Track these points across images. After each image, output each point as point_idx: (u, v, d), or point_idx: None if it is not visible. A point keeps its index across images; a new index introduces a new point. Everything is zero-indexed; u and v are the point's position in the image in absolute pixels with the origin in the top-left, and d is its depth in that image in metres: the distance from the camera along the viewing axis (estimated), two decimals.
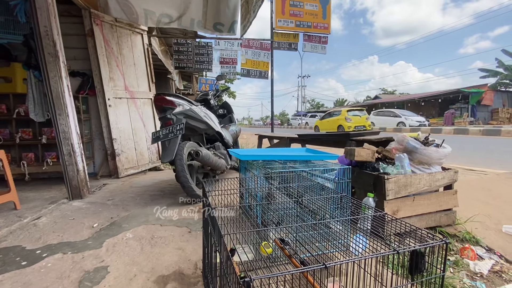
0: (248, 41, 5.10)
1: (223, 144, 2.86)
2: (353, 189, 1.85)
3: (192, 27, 3.59)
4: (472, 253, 1.54)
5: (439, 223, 1.79)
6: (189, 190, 2.16)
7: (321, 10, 5.27)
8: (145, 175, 3.74)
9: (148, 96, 4.01)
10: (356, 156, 1.75)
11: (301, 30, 5.25)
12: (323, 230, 1.36)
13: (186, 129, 2.37)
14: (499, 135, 9.97)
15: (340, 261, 0.57)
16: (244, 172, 1.89)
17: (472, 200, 2.23)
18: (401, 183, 1.62)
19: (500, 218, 1.96)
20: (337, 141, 2.78)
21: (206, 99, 3.19)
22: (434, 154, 1.74)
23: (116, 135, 3.48)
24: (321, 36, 5.42)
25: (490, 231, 1.81)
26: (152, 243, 1.65)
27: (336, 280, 1.04)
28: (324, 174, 1.70)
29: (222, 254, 0.59)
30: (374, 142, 2.10)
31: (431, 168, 1.78)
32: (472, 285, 1.31)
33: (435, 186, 1.75)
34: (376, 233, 0.96)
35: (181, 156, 2.13)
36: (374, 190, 1.65)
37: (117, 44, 3.58)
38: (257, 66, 5.22)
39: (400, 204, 1.65)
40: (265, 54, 5.22)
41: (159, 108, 2.33)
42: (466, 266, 1.46)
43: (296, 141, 3.71)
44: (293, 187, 1.47)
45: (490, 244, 1.66)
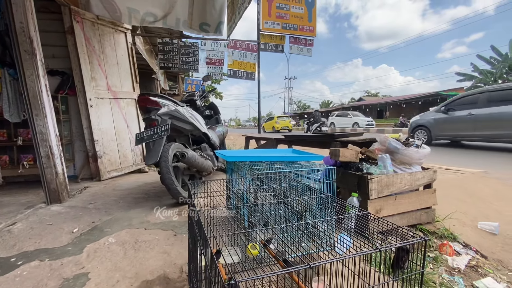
0: (235, 42, 5.10)
1: (209, 146, 2.84)
2: (338, 189, 1.89)
3: (178, 27, 3.54)
4: (450, 249, 1.61)
5: (419, 221, 1.86)
6: (174, 192, 2.12)
7: (306, 13, 5.35)
8: (129, 178, 3.64)
9: (132, 96, 3.91)
10: (341, 157, 1.78)
11: (287, 32, 5.31)
12: (309, 230, 1.37)
13: (172, 130, 2.33)
14: None
15: (324, 260, 0.57)
16: (230, 173, 1.88)
17: (449, 198, 2.33)
18: (383, 182, 1.67)
19: (476, 215, 2.06)
20: (322, 142, 2.82)
21: (192, 100, 3.15)
22: (415, 154, 1.81)
23: (98, 136, 3.37)
24: (307, 38, 5.50)
25: (467, 227, 1.89)
26: (136, 248, 1.60)
27: (322, 279, 1.05)
28: (310, 174, 1.72)
29: (208, 257, 0.58)
30: (358, 143, 2.15)
31: (411, 168, 1.85)
32: (451, 280, 1.37)
33: (415, 185, 1.82)
34: (360, 232, 0.99)
35: (166, 158, 2.09)
36: (358, 190, 1.69)
37: (99, 42, 3.47)
38: (244, 67, 5.22)
39: (383, 203, 1.70)
40: (252, 55, 5.24)
41: (143, 109, 2.28)
42: (444, 262, 1.53)
43: (282, 142, 3.74)
44: (280, 187, 1.48)
45: (466, 240, 1.74)
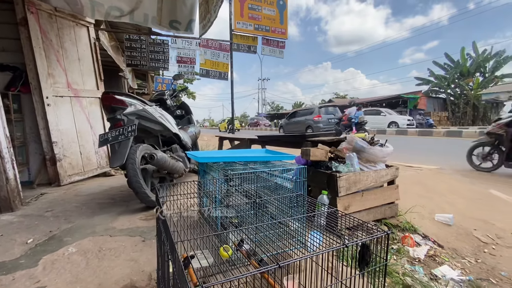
0: (207, 41, 5.01)
1: (181, 147, 2.75)
2: (309, 188, 1.94)
3: (146, 23, 3.39)
4: (411, 240, 1.73)
5: (384, 215, 1.97)
6: (143, 196, 2.02)
7: (278, 15, 5.43)
8: (93, 182, 3.41)
9: (95, 94, 3.67)
10: (311, 156, 1.83)
11: (260, 33, 5.34)
12: (281, 229, 1.39)
13: (139, 131, 2.22)
14: (431, 135, 11.45)
15: (293, 259, 0.58)
16: (203, 175, 1.84)
17: (410, 193, 2.51)
18: (351, 180, 1.75)
19: (433, 208, 2.24)
20: (294, 142, 2.88)
21: (162, 99, 3.04)
22: (379, 153, 1.91)
23: (57, 137, 3.11)
24: (279, 40, 5.58)
25: (426, 220, 2.05)
26: (99, 256, 1.50)
27: (294, 277, 1.07)
28: (283, 174, 1.74)
29: (175, 263, 0.56)
30: (328, 143, 2.23)
31: (376, 166, 1.95)
32: (412, 269, 1.47)
33: (380, 182, 1.92)
34: (330, 228, 1.02)
35: (134, 160, 1.99)
36: (328, 188, 1.75)
37: (58, 36, 3.21)
38: (216, 67, 5.15)
39: (351, 199, 1.78)
40: (225, 55, 5.19)
41: (108, 108, 2.14)
42: (406, 253, 1.63)
43: (256, 143, 3.75)
44: (253, 188, 1.48)
45: (425, 231, 1.88)
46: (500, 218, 2.15)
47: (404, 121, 15.11)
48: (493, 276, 1.47)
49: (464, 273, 1.48)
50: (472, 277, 1.43)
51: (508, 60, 19.47)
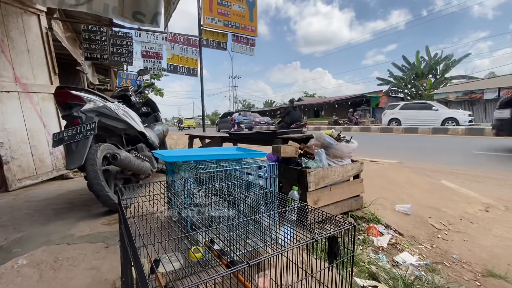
0: (174, 35, 4.82)
1: (147, 146, 2.62)
2: (281, 184, 1.96)
3: (107, 14, 3.15)
4: (375, 230, 1.84)
5: (350, 208, 2.07)
6: (105, 199, 1.89)
7: (248, 12, 5.41)
8: (48, 186, 3.10)
9: (49, 90, 3.34)
10: (282, 153, 1.85)
11: (230, 30, 5.28)
12: (253, 227, 1.38)
13: (100, 129, 2.07)
14: (392, 132, 12.34)
15: (264, 256, 0.57)
16: (171, 174, 1.76)
17: (373, 186, 2.66)
18: (320, 175, 1.80)
19: (394, 199, 2.40)
20: (266, 139, 2.90)
21: (125, 96, 2.86)
22: (345, 148, 2.00)
23: (3, 138, 2.77)
24: (249, 38, 5.57)
25: (387, 210, 2.19)
26: (55, 267, 1.36)
27: (266, 274, 1.07)
28: (255, 171, 1.74)
29: (138, 269, 0.52)
30: (298, 140, 2.27)
31: (343, 161, 2.04)
32: (376, 258, 1.56)
33: (346, 176, 2.01)
34: (301, 223, 1.03)
35: (94, 161, 1.84)
36: (298, 183, 1.79)
37: (2, 24, 2.85)
38: (185, 62, 4.99)
39: (320, 194, 1.83)
40: (193, 50, 5.04)
41: (62, 105, 1.95)
42: (371, 243, 1.73)
43: (228, 140, 3.71)
44: (224, 186, 1.45)
45: (387, 221, 2.01)
46: (451, 205, 2.38)
47: (464, 117, 11.54)
48: (446, 259, 1.62)
49: (421, 258, 1.60)
50: (428, 261, 1.56)
51: (456, 63, 21.67)
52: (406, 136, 10.23)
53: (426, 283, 1.30)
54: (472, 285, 1.39)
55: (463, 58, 21.87)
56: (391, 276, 1.30)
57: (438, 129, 11.02)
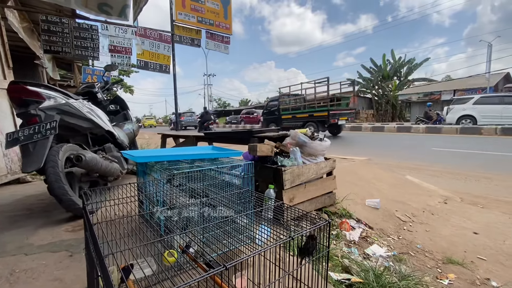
0: (145, 30, 4.61)
1: (116, 146, 2.47)
2: (257, 183, 1.96)
3: (69, 4, 2.92)
4: (347, 225, 1.91)
5: (324, 204, 2.13)
6: (68, 204, 1.75)
7: (222, 10, 5.35)
8: (3, 191, 2.81)
9: (2, 85, 3.02)
10: (258, 152, 1.85)
11: (203, 26, 5.17)
12: (230, 227, 1.36)
13: (62, 129, 1.91)
14: (360, 130, 12.97)
15: (240, 258, 0.56)
16: (142, 176, 1.68)
17: (345, 182, 2.77)
18: (295, 173, 1.83)
19: (364, 195, 2.52)
20: (242, 138, 2.88)
21: (91, 92, 2.67)
22: (319, 146, 2.05)
23: None
24: (223, 35, 5.50)
25: (358, 205, 2.29)
26: (11, 281, 1.24)
27: (243, 274, 1.06)
28: (231, 170, 1.72)
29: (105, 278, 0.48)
30: (273, 138, 2.29)
31: (317, 159, 2.09)
32: (349, 251, 1.62)
33: (320, 173, 2.07)
34: (277, 221, 1.04)
35: (55, 163, 1.69)
36: (274, 182, 1.80)
37: None
38: (156, 58, 4.79)
39: (295, 192, 1.86)
40: (166, 46, 4.86)
41: (17, 102, 1.77)
42: (344, 237, 1.80)
43: (203, 140, 3.63)
44: (199, 187, 1.42)
45: (358, 216, 2.10)
46: (415, 199, 2.55)
47: None
48: (411, 249, 1.73)
49: (389, 249, 1.70)
50: (395, 252, 1.65)
51: (417, 66, 23.32)
52: (373, 134, 10.79)
53: (394, 273, 1.37)
54: (434, 272, 1.50)
55: (424, 62, 23.62)
56: (362, 269, 1.36)
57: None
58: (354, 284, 1.25)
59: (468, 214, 2.27)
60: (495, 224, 2.06)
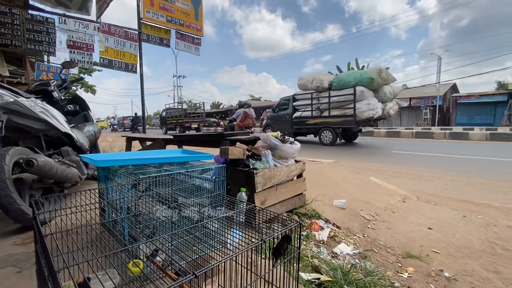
0: (109, 26, 4.35)
1: (74, 149, 2.28)
2: (229, 186, 1.94)
3: None
4: (316, 226, 1.97)
5: (294, 206, 2.17)
6: (17, 214, 1.56)
7: (193, 10, 5.25)
8: None
9: None
10: (230, 155, 1.83)
11: (173, 26, 5.03)
12: (200, 232, 1.32)
13: (10, 130, 1.71)
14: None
15: (211, 265, 0.54)
16: (104, 181, 1.57)
17: (314, 184, 2.86)
18: (267, 176, 1.84)
19: (332, 196, 2.62)
20: (213, 141, 2.84)
21: (45, 91, 2.44)
22: (289, 149, 2.09)
23: None
24: (194, 37, 5.40)
25: (327, 206, 2.37)
26: None
27: (214, 280, 1.03)
28: (202, 174, 1.67)
29: None
30: (245, 141, 2.29)
31: (287, 161, 2.13)
32: (318, 251, 1.67)
33: (291, 175, 2.11)
34: (249, 224, 1.03)
35: (1, 168, 1.51)
36: (246, 185, 1.79)
37: None
38: (122, 57, 4.54)
39: (267, 194, 1.88)
40: (132, 45, 4.63)
41: None
42: (313, 237, 1.85)
43: (172, 143, 3.51)
44: (168, 192, 1.36)
45: (327, 216, 2.17)
46: (377, 198, 2.72)
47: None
48: (375, 246, 1.83)
49: (355, 247, 1.78)
50: (361, 250, 1.74)
51: None
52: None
53: (360, 270, 1.44)
54: (395, 266, 1.60)
55: None
56: (331, 267, 1.40)
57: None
58: (324, 283, 1.28)
59: (423, 211, 2.47)
60: (446, 219, 2.27)
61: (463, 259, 1.67)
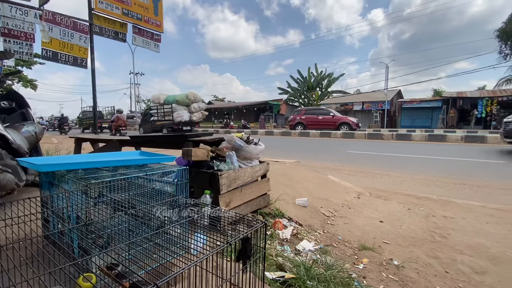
0: (54, 15, 3.89)
1: (10, 152, 1.99)
2: (192, 189, 1.88)
3: None
4: (280, 224, 2.01)
5: (259, 206, 2.19)
6: None
7: (152, 5, 4.99)
8: None
9: None
10: (193, 156, 1.78)
11: (130, 20, 4.71)
12: (161, 239, 1.25)
13: None
14: (290, 135, 14.02)
15: (174, 273, 0.51)
16: (48, 188, 1.40)
17: (277, 184, 2.92)
18: (231, 177, 1.83)
19: (294, 195, 2.70)
20: (175, 142, 2.73)
21: None
22: (254, 150, 2.11)
23: None
24: (153, 32, 5.13)
25: (289, 205, 2.44)
26: None
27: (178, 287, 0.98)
28: (163, 177, 1.59)
29: None
30: (209, 142, 2.24)
31: (252, 162, 2.14)
32: (282, 249, 1.70)
33: (255, 176, 2.12)
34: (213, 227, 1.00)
35: None
36: (210, 187, 1.75)
37: None
38: (70, 50, 4.10)
39: (232, 196, 1.86)
40: (82, 37, 4.22)
41: None
42: (277, 236, 1.88)
43: (128, 144, 3.28)
44: (124, 197, 1.26)
45: (290, 214, 2.24)
46: (336, 196, 2.88)
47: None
48: (334, 241, 1.94)
49: (316, 243, 1.86)
50: (322, 245, 1.82)
51: (335, 80, 26.84)
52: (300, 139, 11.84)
53: (321, 265, 1.51)
54: (352, 259, 1.71)
55: (340, 77, 27.35)
56: (294, 264, 1.44)
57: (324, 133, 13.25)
58: (288, 280, 1.32)
59: (375, 206, 2.69)
60: (395, 213, 2.51)
61: (408, 247, 1.86)
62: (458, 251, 1.80)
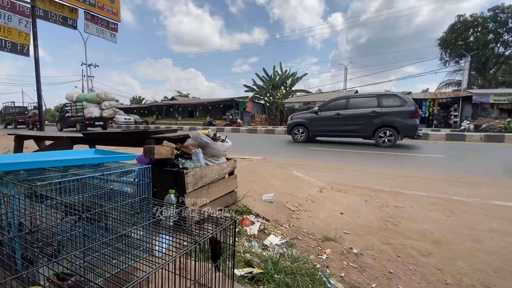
0: None
1: None
2: (155, 189, 1.78)
3: None
4: (248, 221, 2.02)
5: (227, 204, 2.17)
6: None
7: None
8: None
9: None
10: (156, 154, 1.69)
11: (81, 5, 4.28)
12: (121, 243, 1.17)
13: None
14: (256, 132, 14.15)
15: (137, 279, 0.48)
16: None
17: (245, 180, 2.93)
18: (198, 175, 1.78)
19: (261, 191, 2.73)
20: (135, 140, 2.56)
21: None
22: (221, 147, 2.08)
23: None
24: (109, 21, 4.74)
25: (256, 201, 2.46)
26: None
27: None
28: (122, 177, 1.48)
29: None
30: (173, 140, 2.15)
31: (219, 159, 2.11)
32: (250, 245, 1.71)
33: (222, 174, 2.10)
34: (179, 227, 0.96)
35: None
36: (175, 186, 1.69)
37: None
38: (7, 34, 3.58)
39: (198, 194, 1.81)
40: (23, 20, 3.71)
41: None
42: (245, 233, 1.89)
43: (80, 142, 2.99)
44: (77, 200, 1.14)
45: (257, 211, 2.26)
46: (300, 190, 2.99)
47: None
48: (300, 234, 2.01)
49: (283, 237, 1.91)
50: (288, 239, 1.87)
51: (298, 80, 27.69)
52: (266, 136, 12.02)
53: (288, 258, 1.55)
54: (316, 250, 1.79)
55: (303, 76, 28.36)
56: (262, 259, 1.46)
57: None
58: (256, 275, 1.33)
59: (336, 199, 2.85)
60: (353, 204, 2.68)
61: (366, 236, 2.01)
62: (408, 237, 1.99)
